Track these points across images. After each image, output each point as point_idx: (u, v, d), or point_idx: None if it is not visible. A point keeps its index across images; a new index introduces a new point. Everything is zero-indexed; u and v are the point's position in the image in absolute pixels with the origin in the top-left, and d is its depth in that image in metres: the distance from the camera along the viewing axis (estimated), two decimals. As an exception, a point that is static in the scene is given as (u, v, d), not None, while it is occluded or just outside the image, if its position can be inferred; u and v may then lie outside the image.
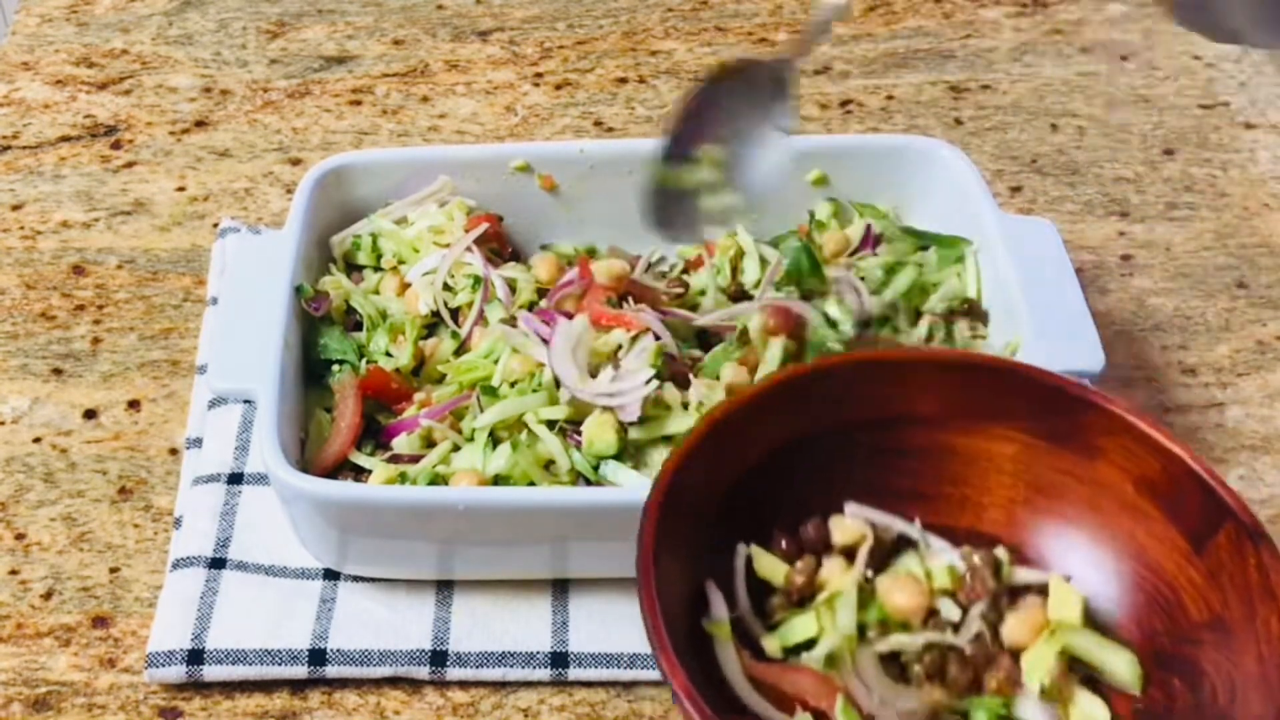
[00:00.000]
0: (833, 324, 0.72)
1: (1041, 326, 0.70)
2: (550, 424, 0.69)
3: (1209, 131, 1.00)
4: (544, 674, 0.67)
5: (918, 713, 0.55)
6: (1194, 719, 0.45)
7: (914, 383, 0.60)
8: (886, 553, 0.60)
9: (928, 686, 0.56)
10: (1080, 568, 0.59)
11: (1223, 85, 1.04)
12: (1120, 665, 0.56)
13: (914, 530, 0.61)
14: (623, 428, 0.67)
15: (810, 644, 0.58)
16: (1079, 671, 0.57)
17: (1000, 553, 0.59)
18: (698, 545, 0.57)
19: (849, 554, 0.60)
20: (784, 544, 0.61)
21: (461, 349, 0.75)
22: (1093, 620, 0.58)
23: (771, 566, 0.60)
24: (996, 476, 0.61)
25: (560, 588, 0.71)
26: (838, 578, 0.59)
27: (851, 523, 0.61)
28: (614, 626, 0.69)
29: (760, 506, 0.60)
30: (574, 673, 0.67)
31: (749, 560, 0.60)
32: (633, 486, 0.67)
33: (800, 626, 0.58)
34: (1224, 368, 0.83)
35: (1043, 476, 0.60)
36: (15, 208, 0.93)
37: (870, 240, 0.79)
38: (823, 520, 0.61)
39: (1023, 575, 0.59)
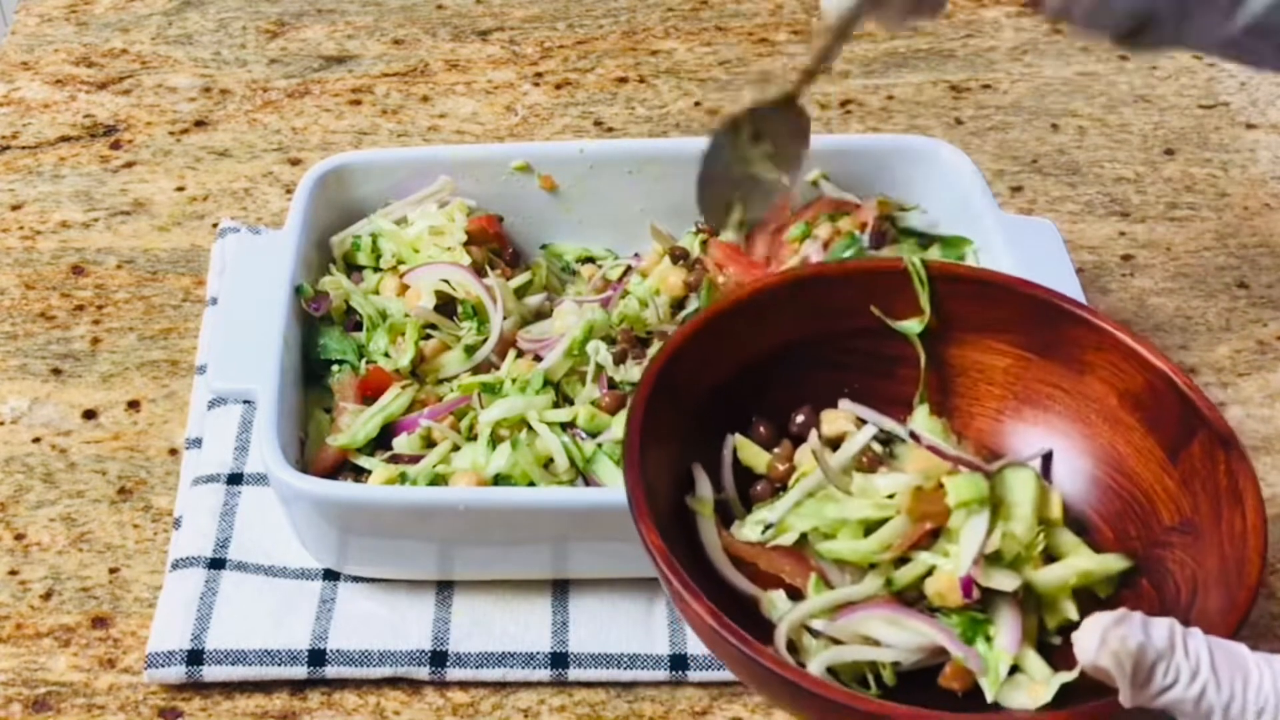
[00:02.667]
0: None
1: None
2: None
3: (1209, 131, 1.00)
4: (544, 674, 0.67)
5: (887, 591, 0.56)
6: (1158, 613, 0.47)
7: (911, 293, 0.62)
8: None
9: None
10: (1062, 474, 0.61)
11: (1223, 85, 1.04)
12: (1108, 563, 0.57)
13: (902, 431, 0.61)
14: None
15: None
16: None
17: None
18: (687, 433, 0.59)
19: (835, 446, 0.61)
20: (762, 431, 0.62)
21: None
22: (1071, 522, 0.59)
23: (754, 454, 0.62)
24: (987, 387, 0.63)
25: (560, 588, 0.70)
26: (811, 461, 0.60)
27: (841, 416, 0.62)
28: (614, 627, 0.69)
29: (753, 402, 0.62)
30: (574, 673, 0.67)
31: (736, 451, 0.62)
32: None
33: (775, 508, 0.59)
34: (1224, 368, 0.83)
35: (1031, 389, 0.62)
36: (15, 208, 0.93)
37: (875, 239, 0.79)
38: (814, 411, 0.63)
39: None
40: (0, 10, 1.68)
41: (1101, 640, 0.44)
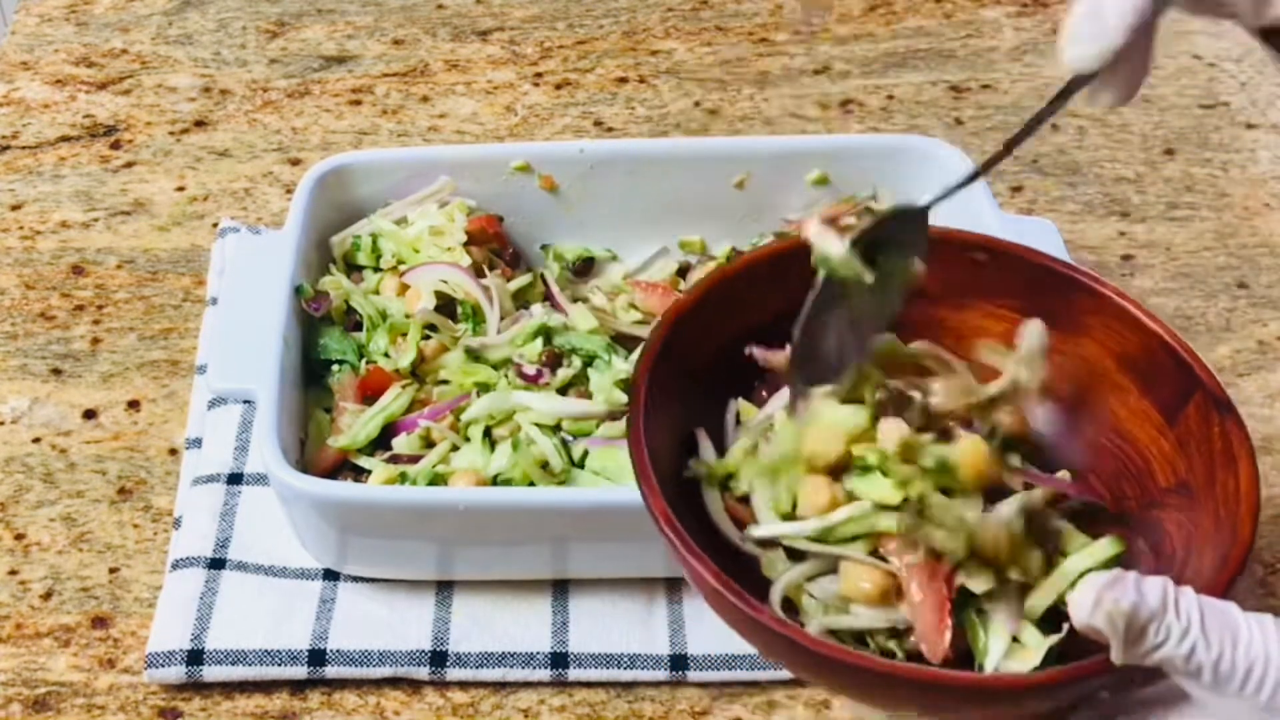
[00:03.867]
0: None
1: (1042, 326, 0.70)
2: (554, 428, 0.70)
3: (1209, 131, 1.00)
4: (544, 674, 0.67)
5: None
6: (1153, 573, 0.47)
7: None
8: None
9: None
10: (1059, 436, 0.61)
11: (1223, 85, 1.04)
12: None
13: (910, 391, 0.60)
14: None
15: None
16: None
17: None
18: (691, 398, 0.59)
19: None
20: (765, 394, 0.62)
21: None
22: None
23: (753, 415, 0.61)
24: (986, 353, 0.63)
25: (560, 588, 0.70)
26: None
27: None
28: (614, 627, 0.69)
29: (757, 367, 0.62)
30: (574, 673, 0.67)
31: (739, 415, 0.61)
32: (632, 487, 0.67)
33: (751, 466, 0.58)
34: (1225, 368, 0.83)
35: None
36: (15, 208, 0.93)
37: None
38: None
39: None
40: (0, 10, 1.68)
41: (1096, 601, 0.45)
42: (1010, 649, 0.54)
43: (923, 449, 0.56)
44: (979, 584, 0.54)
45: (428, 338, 0.75)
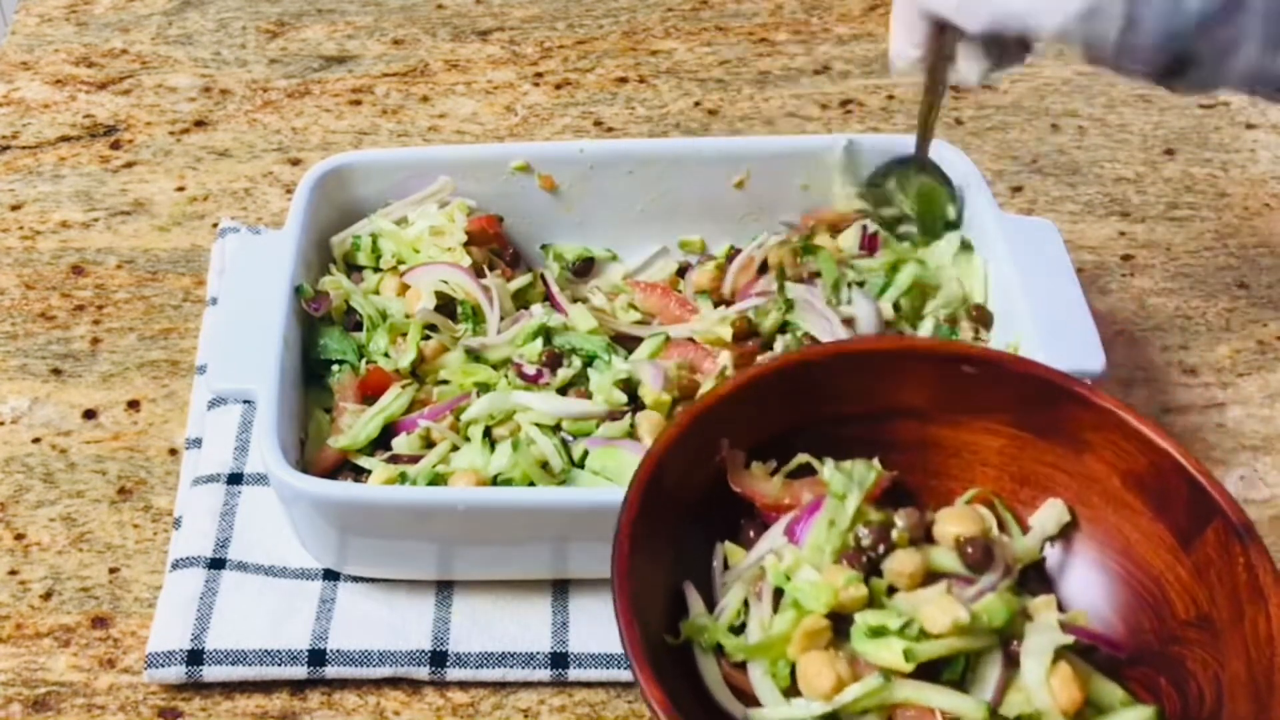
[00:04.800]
0: None
1: (1042, 327, 0.70)
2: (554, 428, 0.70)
3: (1209, 131, 1.00)
4: (544, 674, 0.67)
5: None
6: (1180, 715, 0.45)
7: (901, 375, 0.60)
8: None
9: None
10: (1066, 562, 0.59)
11: (1223, 85, 1.04)
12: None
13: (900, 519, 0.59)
14: None
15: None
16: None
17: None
18: (678, 545, 0.57)
19: None
20: (751, 535, 0.59)
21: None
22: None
23: (741, 559, 0.59)
24: (981, 469, 0.61)
25: (560, 588, 0.70)
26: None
27: None
28: (614, 626, 0.68)
29: (742, 503, 0.60)
30: (574, 673, 0.67)
31: (726, 559, 0.59)
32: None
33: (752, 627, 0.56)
34: (1224, 368, 0.83)
35: (1028, 469, 0.59)
36: (15, 208, 0.93)
37: (867, 242, 0.79)
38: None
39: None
40: (0, 10, 1.68)
41: None
42: None
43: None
44: None
45: (428, 338, 0.75)
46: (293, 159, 0.97)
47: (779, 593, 0.56)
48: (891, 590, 0.56)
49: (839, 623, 0.55)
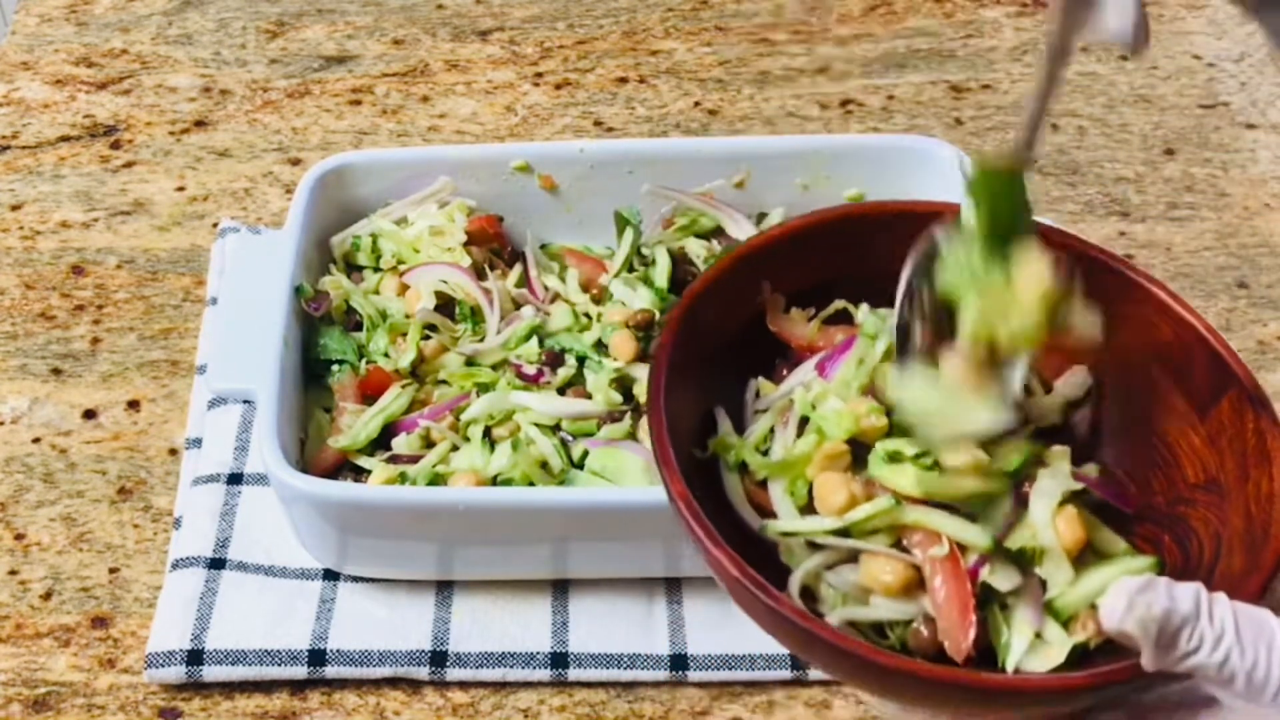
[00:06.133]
0: None
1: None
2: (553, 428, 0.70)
3: (1209, 131, 1.00)
4: (544, 674, 0.67)
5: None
6: (1180, 572, 0.46)
7: None
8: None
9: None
10: (1088, 424, 0.60)
11: (1223, 85, 1.04)
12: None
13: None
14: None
15: None
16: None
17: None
18: (711, 376, 0.58)
19: None
20: (785, 373, 0.61)
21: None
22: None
23: (772, 392, 0.60)
24: None
25: (560, 588, 0.70)
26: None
27: None
28: (614, 627, 0.69)
29: (778, 345, 0.61)
30: (574, 673, 0.67)
31: (759, 393, 0.61)
32: (632, 487, 0.67)
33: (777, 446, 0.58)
34: (1224, 368, 0.83)
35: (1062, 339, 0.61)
36: (15, 208, 0.93)
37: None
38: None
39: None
40: (0, 10, 1.68)
41: (1128, 606, 0.44)
42: (1033, 645, 0.53)
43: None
44: (1005, 581, 0.53)
45: (428, 338, 0.75)
46: (293, 159, 0.97)
47: (804, 421, 0.58)
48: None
49: (860, 452, 0.56)
